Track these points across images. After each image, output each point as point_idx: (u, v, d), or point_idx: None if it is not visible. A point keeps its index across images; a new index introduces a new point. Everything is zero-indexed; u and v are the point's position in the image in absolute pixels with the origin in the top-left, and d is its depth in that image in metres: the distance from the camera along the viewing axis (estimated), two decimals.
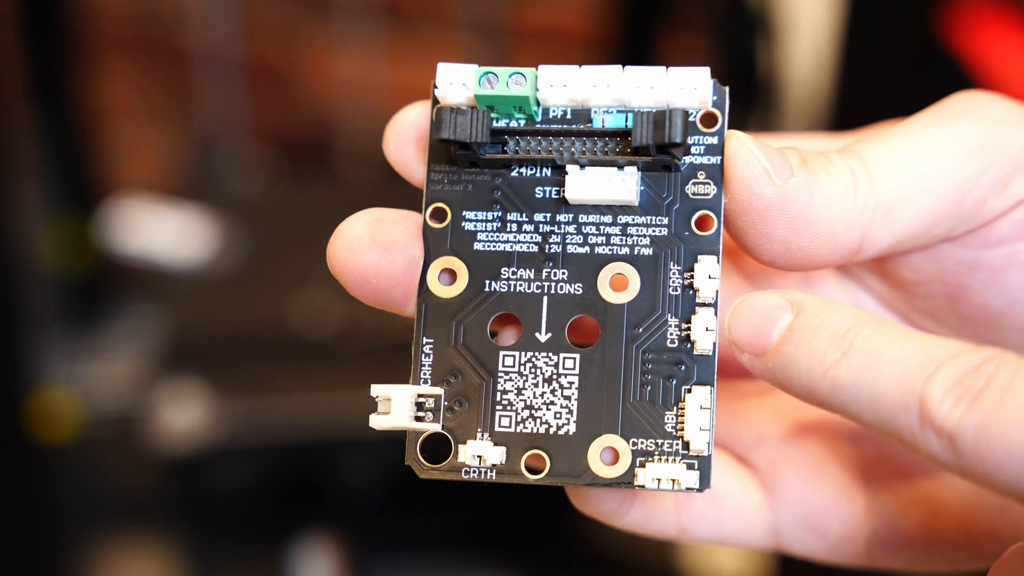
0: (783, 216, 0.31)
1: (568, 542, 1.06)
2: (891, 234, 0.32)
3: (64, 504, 1.05)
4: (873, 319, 0.30)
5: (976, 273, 0.34)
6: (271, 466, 1.04)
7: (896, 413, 0.28)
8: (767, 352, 0.30)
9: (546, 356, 0.33)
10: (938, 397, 0.28)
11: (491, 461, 0.32)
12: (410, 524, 1.06)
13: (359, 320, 1.05)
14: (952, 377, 0.28)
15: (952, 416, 0.28)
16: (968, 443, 0.27)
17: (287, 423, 1.00)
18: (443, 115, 0.32)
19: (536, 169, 0.34)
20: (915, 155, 0.32)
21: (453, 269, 0.33)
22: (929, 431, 0.28)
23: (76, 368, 1.16)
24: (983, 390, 0.28)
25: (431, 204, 0.34)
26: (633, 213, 0.33)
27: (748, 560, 1.02)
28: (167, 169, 1.35)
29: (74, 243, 1.22)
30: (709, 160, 0.33)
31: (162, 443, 0.99)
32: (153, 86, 1.39)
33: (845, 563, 0.37)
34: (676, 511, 0.36)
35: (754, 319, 0.31)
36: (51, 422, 1.06)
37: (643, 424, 0.32)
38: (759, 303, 0.31)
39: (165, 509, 1.07)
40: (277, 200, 1.21)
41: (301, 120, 1.39)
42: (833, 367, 0.29)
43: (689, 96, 0.32)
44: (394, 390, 0.33)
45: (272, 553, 1.01)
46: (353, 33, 1.32)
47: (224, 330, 1.05)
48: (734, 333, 0.31)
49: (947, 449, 0.28)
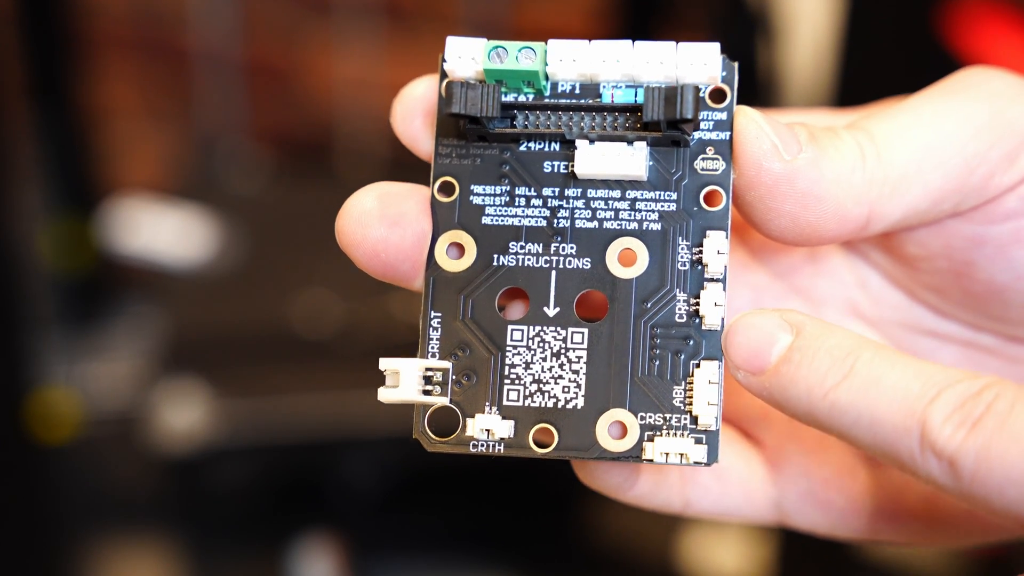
0: (792, 191, 0.32)
1: (568, 542, 1.06)
2: (899, 209, 0.32)
3: (64, 504, 1.05)
4: (872, 343, 0.30)
5: (982, 248, 0.34)
6: (271, 466, 1.04)
7: (897, 437, 0.29)
8: (765, 372, 0.31)
9: (554, 330, 0.33)
10: (939, 422, 0.28)
11: (499, 435, 0.32)
12: (410, 524, 1.06)
13: (359, 320, 1.05)
14: (953, 402, 0.28)
15: (953, 440, 0.28)
16: (968, 467, 0.28)
17: (287, 423, 1.00)
18: (453, 89, 0.32)
19: (545, 144, 0.34)
20: (922, 130, 0.32)
21: (461, 243, 0.34)
22: (930, 455, 0.28)
23: (76, 368, 1.16)
24: (983, 415, 0.28)
25: (439, 178, 0.34)
26: (642, 188, 0.33)
27: (748, 560, 1.02)
28: (167, 169, 1.35)
29: (74, 243, 1.22)
30: (718, 135, 0.33)
31: (162, 443, 0.99)
32: (153, 86, 1.39)
33: (848, 537, 0.38)
34: (681, 485, 0.36)
35: (752, 338, 0.31)
36: (51, 422, 1.06)
37: (651, 398, 0.32)
38: (757, 322, 0.31)
39: (165, 509, 1.07)
40: (277, 200, 1.21)
41: (301, 120, 1.39)
42: (833, 390, 0.30)
43: (699, 71, 0.33)
44: (402, 363, 0.33)
45: (272, 553, 1.01)
46: (353, 33, 1.32)
47: (224, 330, 1.05)
48: (731, 351, 0.31)
49: (947, 473, 0.28)
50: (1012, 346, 0.36)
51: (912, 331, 0.37)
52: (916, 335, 0.37)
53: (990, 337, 0.36)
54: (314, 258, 1.12)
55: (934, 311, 0.36)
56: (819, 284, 0.37)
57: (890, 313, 0.37)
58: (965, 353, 0.36)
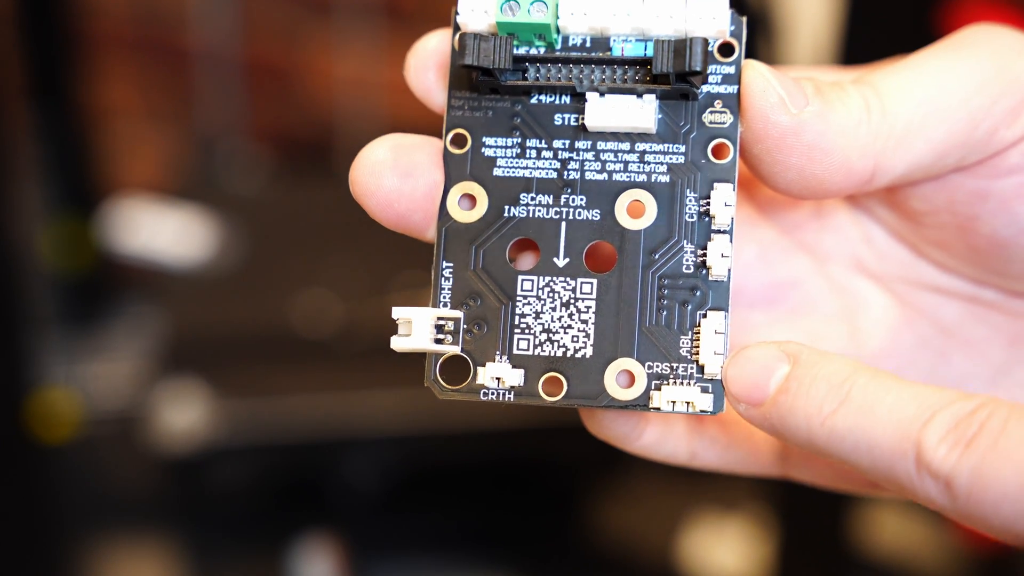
0: (798, 144, 0.32)
1: (568, 542, 1.06)
2: (903, 162, 0.33)
3: (64, 504, 1.05)
4: (868, 369, 0.30)
5: (986, 203, 0.34)
6: (271, 466, 1.04)
7: (894, 460, 0.29)
8: (764, 403, 0.31)
9: (564, 281, 0.33)
10: (934, 443, 0.29)
11: (509, 383, 0.33)
12: (410, 524, 1.05)
13: (359, 320, 1.05)
14: (947, 423, 0.29)
15: (948, 461, 0.28)
16: (963, 486, 0.28)
17: (287, 423, 1.00)
18: (466, 41, 0.33)
19: (556, 96, 0.34)
20: (927, 85, 0.33)
21: (473, 194, 0.34)
22: (926, 476, 0.29)
23: (76, 368, 1.16)
24: (977, 435, 0.28)
25: (451, 130, 0.34)
26: (651, 141, 0.34)
27: (748, 560, 1.02)
28: (167, 169, 1.35)
29: (74, 243, 1.22)
30: (726, 89, 0.33)
31: (162, 443, 0.99)
32: (153, 86, 1.39)
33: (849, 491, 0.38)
34: (687, 436, 0.36)
35: (750, 371, 0.31)
36: (51, 422, 1.06)
37: (658, 348, 0.33)
38: (755, 355, 0.31)
39: (165, 509, 1.07)
40: (277, 200, 1.21)
41: (301, 120, 1.39)
42: (831, 416, 0.30)
43: (707, 25, 0.33)
44: (415, 312, 0.33)
45: (272, 553, 1.01)
46: (353, 33, 1.32)
47: (224, 330, 1.05)
48: (731, 385, 0.31)
49: (943, 493, 0.29)
50: (1014, 301, 0.36)
51: (916, 286, 0.37)
52: (920, 290, 0.37)
53: (992, 292, 0.36)
54: (314, 258, 1.12)
55: (938, 266, 0.37)
56: (825, 239, 0.38)
57: (895, 268, 0.37)
58: (968, 308, 0.37)
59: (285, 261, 1.13)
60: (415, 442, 1.00)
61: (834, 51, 0.85)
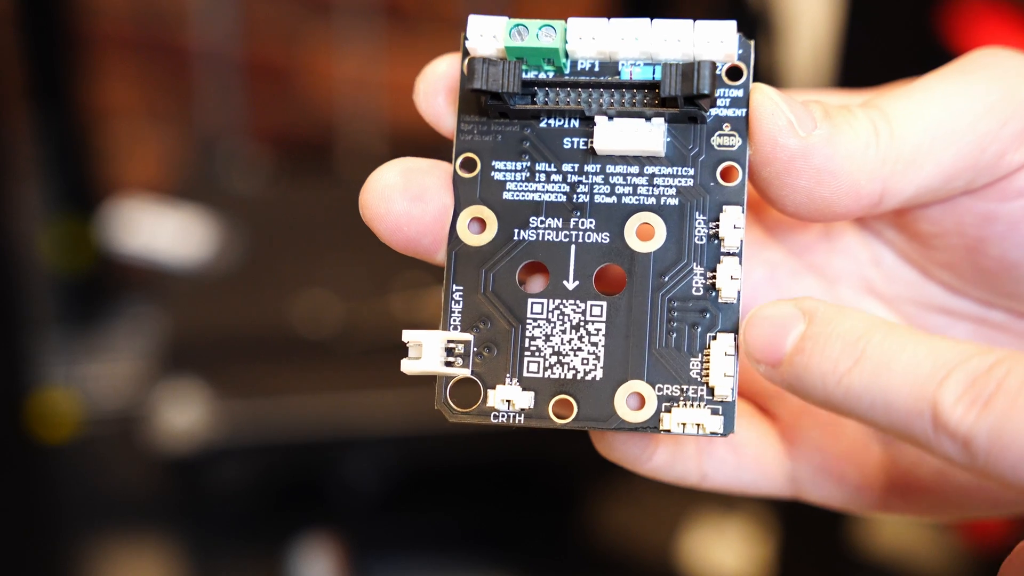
0: (807, 167, 0.32)
1: (568, 542, 1.06)
2: (911, 186, 0.33)
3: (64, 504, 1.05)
4: (885, 324, 0.30)
5: (994, 225, 0.34)
6: (271, 466, 1.04)
7: (910, 419, 0.29)
8: (781, 362, 0.31)
9: (573, 303, 0.34)
10: (951, 402, 0.28)
11: (520, 405, 0.33)
12: (410, 524, 1.06)
13: (359, 320, 1.05)
14: (964, 381, 0.28)
15: (965, 420, 0.28)
16: (982, 446, 0.28)
17: (287, 423, 1.00)
18: (475, 65, 0.33)
19: (565, 120, 0.34)
20: (935, 108, 0.33)
21: (483, 218, 0.34)
22: (944, 436, 0.29)
23: (76, 368, 1.16)
24: (995, 393, 0.28)
25: (461, 154, 0.34)
26: (659, 164, 0.34)
27: (748, 560, 1.02)
28: (167, 169, 1.35)
29: (74, 243, 1.22)
30: (734, 112, 0.33)
31: (162, 443, 0.99)
32: (153, 86, 1.39)
33: (861, 511, 0.39)
34: (698, 457, 0.36)
35: (767, 330, 0.31)
36: (51, 422, 1.06)
37: (668, 370, 0.33)
38: (771, 313, 0.31)
39: (165, 509, 1.07)
40: (277, 200, 1.21)
41: (301, 120, 1.39)
42: (846, 375, 0.30)
43: (715, 49, 0.33)
44: (425, 335, 0.33)
45: (272, 553, 1.01)
46: (353, 33, 1.32)
47: (224, 330, 1.05)
48: (749, 344, 0.31)
49: (962, 452, 0.28)
50: (1022, 322, 0.36)
51: (925, 308, 0.37)
52: (929, 312, 0.37)
53: (1001, 314, 0.36)
54: (314, 258, 1.12)
55: (946, 288, 0.37)
56: (834, 261, 0.38)
57: (903, 290, 0.37)
58: (976, 330, 0.37)
59: (285, 261, 1.13)
60: (415, 442, 1.00)
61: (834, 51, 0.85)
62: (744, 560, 1.03)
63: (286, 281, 1.10)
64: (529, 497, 1.07)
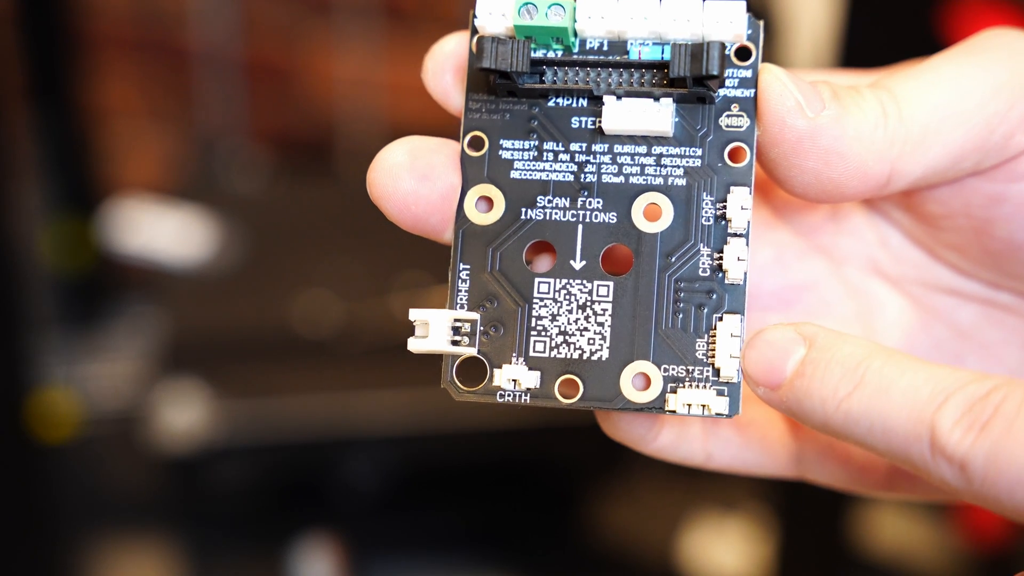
0: (814, 148, 0.32)
1: (568, 542, 1.06)
2: (919, 167, 0.33)
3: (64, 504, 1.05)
4: (884, 350, 0.30)
5: (1002, 206, 0.34)
6: (271, 466, 1.04)
7: (908, 443, 0.29)
8: (782, 386, 0.31)
9: (580, 283, 0.34)
10: (948, 426, 0.29)
11: (526, 385, 0.33)
12: (410, 524, 1.05)
13: (359, 320, 1.05)
14: (961, 406, 0.29)
15: (962, 445, 0.28)
16: (979, 470, 0.28)
17: (287, 423, 1.00)
18: (484, 44, 0.33)
19: (573, 99, 0.34)
20: (944, 89, 0.33)
21: (490, 197, 0.34)
22: (941, 460, 0.29)
23: (76, 368, 1.16)
24: (991, 418, 0.28)
25: (469, 132, 0.34)
26: (667, 144, 0.34)
27: (748, 560, 1.02)
28: (167, 169, 1.35)
29: (74, 243, 1.22)
30: (743, 93, 0.33)
31: (162, 443, 0.99)
32: (153, 86, 1.39)
33: (865, 492, 0.38)
34: (703, 438, 0.37)
35: (768, 354, 0.31)
36: (51, 422, 1.06)
37: (674, 351, 0.33)
38: (772, 337, 0.31)
39: (165, 509, 1.07)
40: (277, 200, 1.21)
41: (301, 120, 1.39)
42: (846, 400, 0.30)
43: (724, 29, 0.33)
44: (432, 314, 0.33)
45: (272, 553, 1.01)
46: (353, 33, 1.32)
47: (224, 330, 1.05)
48: (749, 368, 0.32)
49: (959, 476, 0.29)
50: None
51: (932, 289, 0.37)
52: (936, 293, 0.37)
53: (1008, 295, 0.36)
54: (314, 258, 1.12)
55: (954, 269, 0.37)
56: (841, 242, 0.38)
57: (911, 271, 0.37)
58: (983, 311, 0.37)
59: (285, 261, 1.13)
60: (415, 442, 1.00)
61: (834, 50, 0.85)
62: (744, 560, 1.03)
63: (286, 281, 1.10)
64: (529, 497, 1.07)
